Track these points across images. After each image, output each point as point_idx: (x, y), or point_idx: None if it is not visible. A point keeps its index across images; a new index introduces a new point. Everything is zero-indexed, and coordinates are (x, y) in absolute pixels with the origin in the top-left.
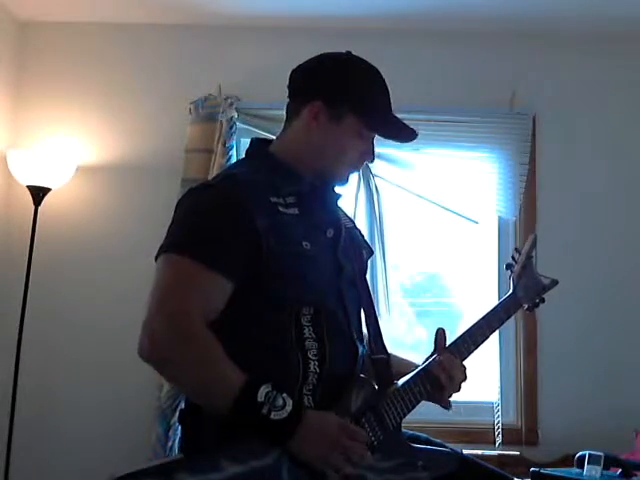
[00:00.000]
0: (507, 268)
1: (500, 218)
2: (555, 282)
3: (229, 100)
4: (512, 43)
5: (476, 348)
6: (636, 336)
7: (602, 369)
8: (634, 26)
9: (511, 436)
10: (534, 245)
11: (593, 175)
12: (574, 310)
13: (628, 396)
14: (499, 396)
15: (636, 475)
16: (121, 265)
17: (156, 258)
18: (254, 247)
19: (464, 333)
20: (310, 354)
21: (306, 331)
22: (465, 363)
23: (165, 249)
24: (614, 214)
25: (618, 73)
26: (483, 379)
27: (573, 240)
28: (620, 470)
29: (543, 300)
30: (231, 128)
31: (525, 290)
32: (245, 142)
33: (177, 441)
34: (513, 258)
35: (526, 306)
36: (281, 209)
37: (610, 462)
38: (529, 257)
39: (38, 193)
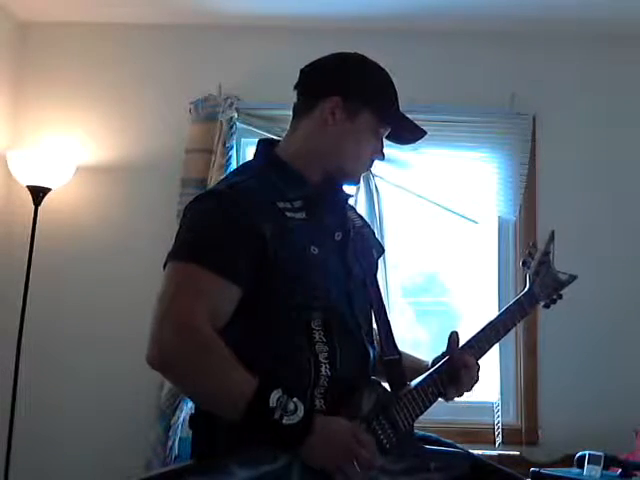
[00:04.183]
0: (523, 264)
1: (500, 218)
2: (573, 277)
3: (229, 100)
4: (512, 43)
5: (490, 347)
6: (636, 336)
7: (602, 369)
8: (634, 27)
9: (511, 436)
10: (552, 241)
11: (593, 175)
12: (574, 310)
13: (628, 396)
14: (499, 396)
15: (636, 475)
16: (121, 265)
17: (164, 266)
18: (260, 253)
19: (478, 332)
20: (321, 357)
21: (316, 335)
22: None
23: (172, 256)
24: (614, 214)
25: (618, 73)
26: (483, 379)
27: (573, 240)
28: (620, 470)
29: (561, 296)
30: (231, 128)
31: (542, 287)
32: (245, 142)
33: (177, 441)
34: (530, 254)
35: (543, 303)
36: (288, 214)
37: (610, 462)
38: (546, 253)
39: (38, 193)
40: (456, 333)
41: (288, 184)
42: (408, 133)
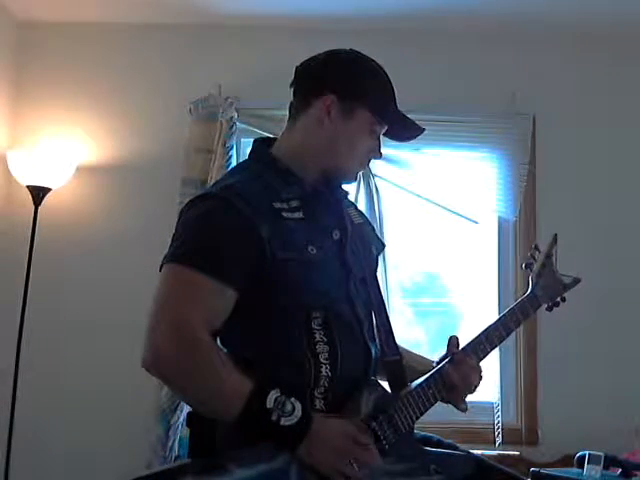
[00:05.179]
0: (526, 267)
1: (500, 218)
2: (577, 280)
3: (229, 100)
4: (512, 43)
5: (492, 349)
6: (636, 336)
7: (602, 369)
8: (634, 26)
9: (511, 436)
10: (554, 244)
11: (593, 175)
12: (574, 310)
13: (628, 396)
14: (499, 396)
15: (636, 475)
16: (121, 265)
17: (160, 268)
18: (258, 255)
19: (480, 334)
20: (321, 358)
21: (317, 335)
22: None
23: (168, 259)
24: (614, 214)
25: (618, 73)
26: (483, 379)
27: (573, 240)
28: (620, 470)
29: (564, 299)
30: (231, 128)
31: (544, 289)
32: (245, 142)
33: (177, 441)
34: (533, 257)
35: (545, 305)
36: (285, 214)
37: (610, 462)
38: (549, 256)
39: (38, 193)
40: (455, 337)
41: (284, 184)
42: (405, 131)
